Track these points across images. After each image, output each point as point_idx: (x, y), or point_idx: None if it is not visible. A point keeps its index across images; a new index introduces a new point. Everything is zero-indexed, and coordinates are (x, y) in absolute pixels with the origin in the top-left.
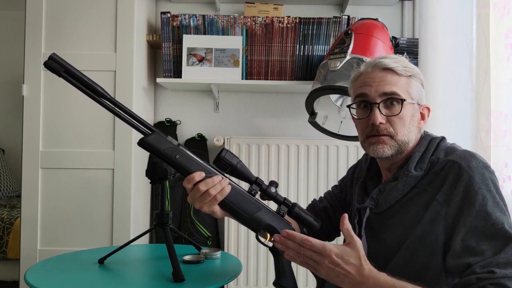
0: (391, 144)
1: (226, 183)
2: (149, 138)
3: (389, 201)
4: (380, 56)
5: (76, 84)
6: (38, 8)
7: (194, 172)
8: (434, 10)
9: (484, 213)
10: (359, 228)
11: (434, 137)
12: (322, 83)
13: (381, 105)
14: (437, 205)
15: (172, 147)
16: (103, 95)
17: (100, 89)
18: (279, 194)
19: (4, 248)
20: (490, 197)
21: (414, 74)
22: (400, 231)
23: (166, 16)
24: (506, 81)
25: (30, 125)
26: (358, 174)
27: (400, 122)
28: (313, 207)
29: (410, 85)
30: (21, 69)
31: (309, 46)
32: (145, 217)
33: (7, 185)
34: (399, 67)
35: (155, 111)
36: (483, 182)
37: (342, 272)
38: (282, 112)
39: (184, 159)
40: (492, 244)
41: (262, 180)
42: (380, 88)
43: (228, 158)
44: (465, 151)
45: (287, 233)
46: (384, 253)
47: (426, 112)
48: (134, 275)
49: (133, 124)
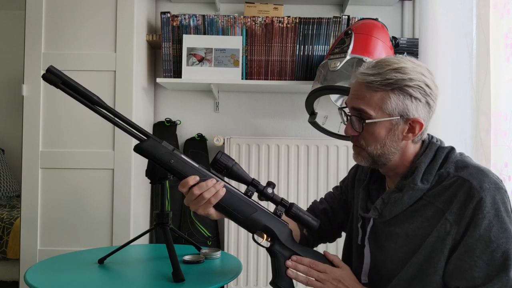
0: (364, 156)
1: (220, 186)
2: (145, 144)
3: (394, 212)
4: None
5: (73, 94)
6: (38, 8)
7: (189, 177)
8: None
9: (487, 239)
10: (363, 234)
11: (441, 147)
12: (322, 83)
13: (353, 118)
14: (447, 224)
15: (167, 152)
16: (99, 104)
17: (97, 98)
18: (276, 194)
19: (4, 248)
20: (497, 222)
21: (400, 86)
22: (402, 242)
23: (166, 16)
24: (506, 81)
25: (30, 125)
26: (359, 176)
27: (370, 137)
28: (312, 209)
29: (385, 101)
30: (21, 69)
31: (309, 46)
32: (145, 217)
33: (7, 185)
34: (376, 81)
35: (155, 111)
36: (492, 206)
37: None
38: (282, 112)
39: (179, 164)
40: (485, 271)
41: (258, 181)
42: (352, 102)
43: (223, 160)
44: (477, 168)
45: (296, 258)
46: (388, 264)
47: (416, 126)
48: (134, 275)
49: (129, 131)
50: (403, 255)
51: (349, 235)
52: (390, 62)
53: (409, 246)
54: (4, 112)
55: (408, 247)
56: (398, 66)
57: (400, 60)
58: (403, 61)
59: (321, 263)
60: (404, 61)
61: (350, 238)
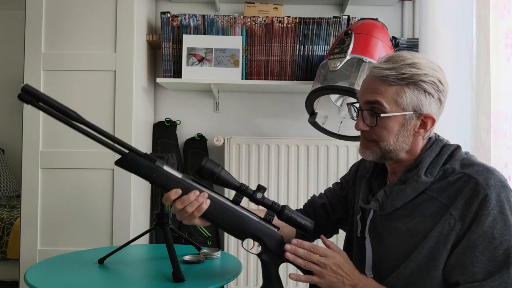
0: (374, 150)
1: (204, 198)
2: (126, 159)
3: (395, 205)
4: (382, 58)
5: (51, 111)
6: (38, 8)
7: (170, 191)
8: (434, 10)
9: (490, 235)
10: (362, 226)
11: (447, 144)
12: (322, 83)
13: (366, 113)
14: (451, 220)
15: (149, 166)
16: (77, 119)
17: (74, 113)
18: (267, 198)
19: (4, 248)
20: (501, 219)
21: (416, 81)
22: (404, 236)
23: (166, 16)
24: (506, 81)
25: (30, 125)
26: (361, 173)
27: (383, 131)
28: (311, 203)
29: (401, 95)
30: (21, 69)
31: (309, 46)
32: (145, 217)
33: (7, 185)
34: (391, 75)
35: (155, 111)
36: (497, 203)
37: (342, 274)
38: (282, 112)
39: (161, 177)
40: (486, 267)
41: (247, 185)
42: (365, 95)
43: (209, 167)
44: (483, 166)
45: (297, 241)
46: (390, 260)
47: (428, 122)
48: (134, 275)
49: (109, 145)
50: (405, 250)
51: (350, 231)
52: (404, 57)
53: (410, 241)
54: (4, 112)
55: (410, 242)
56: (412, 62)
57: (414, 55)
58: (416, 56)
59: (323, 247)
60: (417, 57)
61: (350, 235)
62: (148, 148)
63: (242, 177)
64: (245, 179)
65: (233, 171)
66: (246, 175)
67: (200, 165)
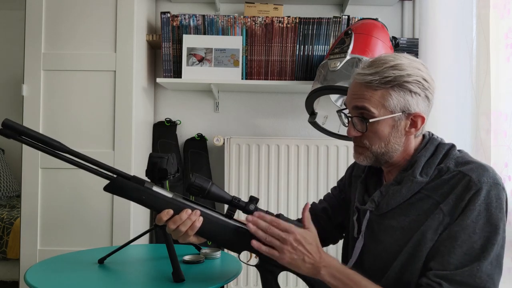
0: (367, 155)
1: (196, 217)
2: (113, 184)
3: (391, 205)
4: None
5: (34, 143)
6: (38, 8)
7: (161, 212)
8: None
9: (472, 230)
10: (358, 227)
11: (442, 143)
12: (322, 83)
13: (355, 119)
14: (441, 214)
15: (137, 189)
16: (61, 149)
17: (58, 143)
18: (260, 209)
19: (4, 248)
20: (485, 216)
21: (400, 83)
22: (398, 235)
23: (166, 16)
24: (506, 81)
25: (30, 125)
26: (356, 173)
27: (374, 136)
28: (312, 210)
29: (387, 98)
30: (21, 69)
31: (309, 46)
32: (145, 217)
33: (7, 185)
34: (375, 80)
35: (155, 111)
36: (485, 200)
37: (303, 251)
38: (282, 112)
39: (150, 199)
40: (460, 260)
41: (239, 198)
42: (352, 102)
43: (198, 183)
44: (478, 164)
45: (258, 214)
46: (383, 256)
47: (418, 120)
48: (134, 275)
49: (96, 171)
50: (399, 248)
51: (348, 230)
52: (386, 60)
53: (404, 239)
54: (4, 112)
55: (403, 239)
56: (394, 63)
57: (395, 57)
58: (398, 57)
59: (285, 222)
60: (399, 58)
61: (348, 236)
62: (148, 148)
63: (242, 177)
64: (245, 179)
65: (233, 171)
66: (246, 175)
67: (189, 183)
